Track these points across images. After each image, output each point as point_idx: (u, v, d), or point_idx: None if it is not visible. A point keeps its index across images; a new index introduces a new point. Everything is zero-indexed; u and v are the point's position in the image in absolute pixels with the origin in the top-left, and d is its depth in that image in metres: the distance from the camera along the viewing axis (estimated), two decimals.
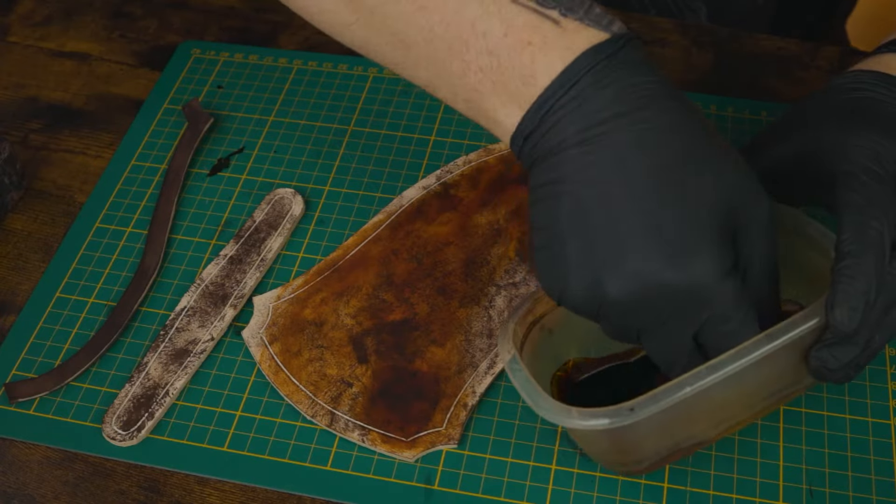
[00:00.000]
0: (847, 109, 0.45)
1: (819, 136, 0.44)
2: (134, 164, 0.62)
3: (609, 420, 0.39)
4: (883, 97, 0.45)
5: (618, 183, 0.37)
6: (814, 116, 0.46)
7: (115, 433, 0.49)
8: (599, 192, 0.37)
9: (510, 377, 0.42)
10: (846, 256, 0.39)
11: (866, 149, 0.42)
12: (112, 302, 0.55)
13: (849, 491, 0.46)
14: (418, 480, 0.47)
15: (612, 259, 0.37)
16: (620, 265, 0.37)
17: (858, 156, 0.42)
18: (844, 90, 0.46)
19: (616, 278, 0.37)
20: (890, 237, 0.40)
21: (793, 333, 0.40)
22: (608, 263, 0.37)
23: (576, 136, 0.37)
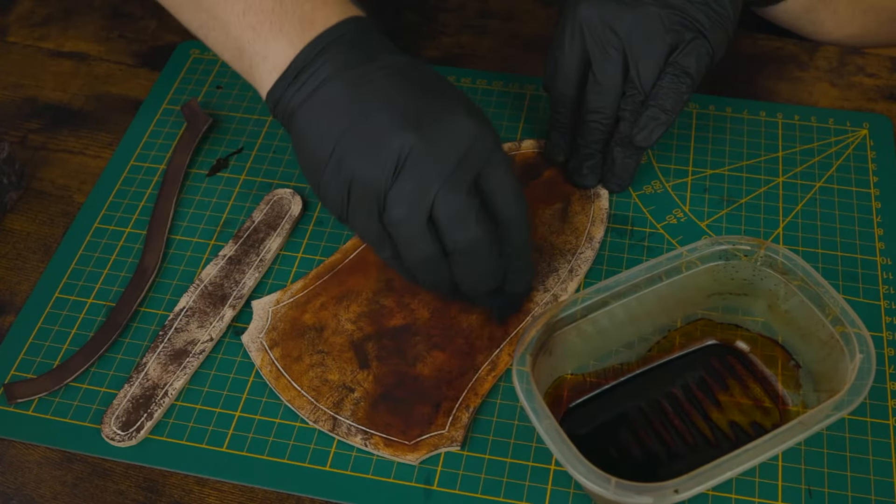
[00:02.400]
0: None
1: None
2: (133, 165, 0.62)
3: (653, 499, 0.40)
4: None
5: (364, 100, 0.45)
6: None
7: (114, 434, 0.49)
8: (357, 110, 0.44)
9: (540, 433, 0.42)
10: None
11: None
12: (111, 302, 0.55)
13: (848, 491, 0.46)
14: (417, 481, 0.47)
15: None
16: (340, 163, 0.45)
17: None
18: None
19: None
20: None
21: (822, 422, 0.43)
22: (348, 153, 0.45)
23: (342, 73, 0.45)
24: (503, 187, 0.46)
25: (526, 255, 0.49)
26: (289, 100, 0.46)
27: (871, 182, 0.58)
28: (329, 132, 0.45)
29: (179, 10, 0.49)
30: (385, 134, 0.44)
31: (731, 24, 0.55)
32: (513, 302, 0.51)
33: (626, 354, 0.50)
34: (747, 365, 0.50)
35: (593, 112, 0.55)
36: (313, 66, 0.45)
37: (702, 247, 0.48)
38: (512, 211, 0.46)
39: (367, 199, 0.44)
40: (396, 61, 0.46)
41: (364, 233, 0.46)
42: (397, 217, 0.44)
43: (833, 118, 0.62)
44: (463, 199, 0.44)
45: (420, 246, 0.45)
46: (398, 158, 0.44)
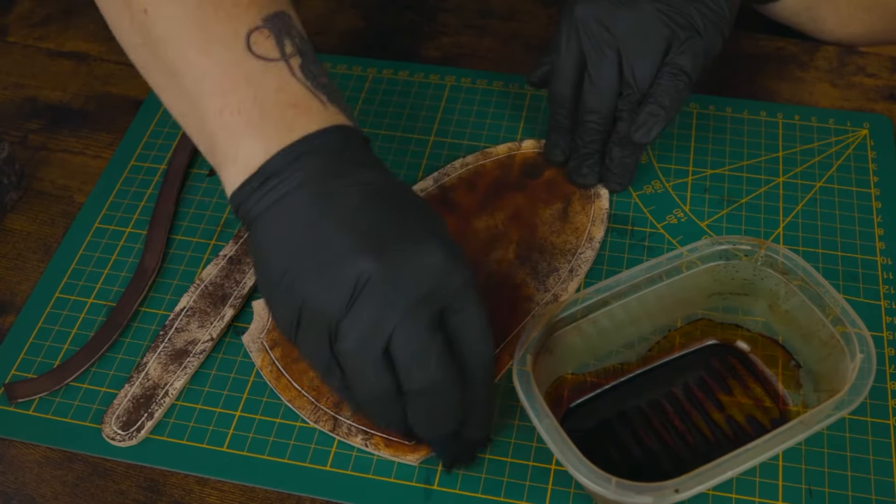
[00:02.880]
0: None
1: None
2: (133, 164, 0.62)
3: (654, 499, 0.40)
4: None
5: (319, 223, 0.41)
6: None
7: (114, 433, 0.49)
8: (317, 228, 0.41)
9: (541, 433, 0.42)
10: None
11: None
12: (111, 302, 0.55)
13: (848, 491, 0.46)
14: (418, 481, 0.47)
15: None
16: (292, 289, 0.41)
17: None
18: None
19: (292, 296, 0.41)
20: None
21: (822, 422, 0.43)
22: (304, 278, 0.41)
23: (310, 185, 0.41)
24: (471, 327, 0.42)
25: (487, 401, 0.45)
26: (250, 207, 0.42)
27: (871, 182, 0.58)
28: (285, 248, 0.41)
29: (163, 94, 0.46)
30: (343, 257, 0.40)
31: (727, 24, 0.55)
32: (468, 450, 0.47)
33: (626, 354, 0.50)
34: (748, 365, 0.50)
35: (590, 112, 0.55)
36: (282, 175, 0.41)
37: (702, 247, 0.48)
38: (476, 354, 0.42)
39: (318, 326, 0.41)
40: (372, 179, 0.42)
41: (312, 359, 0.42)
42: (349, 348, 0.40)
43: (833, 118, 0.62)
44: (424, 335, 0.40)
45: (372, 381, 0.41)
46: (355, 286, 0.39)
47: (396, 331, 0.40)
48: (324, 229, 0.41)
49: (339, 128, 0.43)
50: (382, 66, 0.67)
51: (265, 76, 0.43)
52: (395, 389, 0.41)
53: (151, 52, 0.45)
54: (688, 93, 0.54)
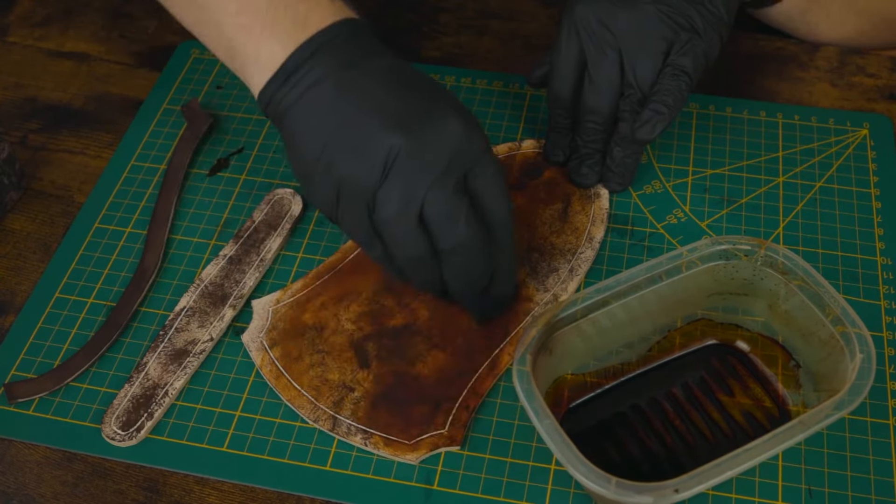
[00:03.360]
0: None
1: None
2: (133, 165, 0.62)
3: (653, 499, 0.40)
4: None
5: (350, 101, 0.45)
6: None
7: (114, 433, 0.49)
8: (346, 112, 0.45)
9: (541, 433, 0.42)
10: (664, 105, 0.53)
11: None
12: (111, 302, 0.55)
13: (848, 491, 0.46)
14: (418, 480, 0.47)
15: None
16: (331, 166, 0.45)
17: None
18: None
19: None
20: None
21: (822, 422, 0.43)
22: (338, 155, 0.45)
23: (332, 75, 0.45)
24: (491, 188, 0.46)
25: (512, 255, 0.49)
26: (279, 101, 0.45)
27: (871, 182, 0.58)
28: (318, 134, 0.45)
29: (175, 6, 0.49)
30: (373, 135, 0.44)
31: (725, 28, 0.55)
32: (497, 303, 0.51)
33: (626, 354, 0.50)
34: (747, 365, 0.50)
35: (591, 112, 0.55)
36: (304, 68, 0.45)
37: (702, 247, 0.48)
38: (498, 211, 0.46)
39: (356, 200, 0.44)
40: (388, 64, 0.46)
41: (354, 232, 0.46)
42: (386, 217, 0.44)
43: (833, 118, 0.62)
44: (451, 199, 0.44)
45: (410, 245, 0.45)
46: (386, 159, 0.43)
47: (427, 196, 0.44)
48: (351, 113, 0.44)
49: (348, 21, 0.46)
50: None
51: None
52: (431, 251, 0.46)
53: None
54: (689, 93, 0.54)
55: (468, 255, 0.46)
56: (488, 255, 0.47)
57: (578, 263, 0.54)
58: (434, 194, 0.44)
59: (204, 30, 0.48)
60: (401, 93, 0.45)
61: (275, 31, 0.45)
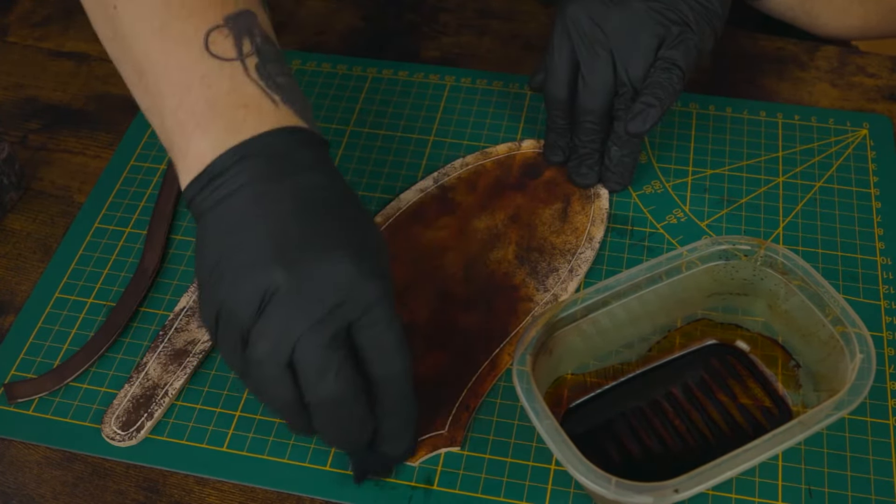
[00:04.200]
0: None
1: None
2: (133, 165, 0.62)
3: (653, 499, 0.40)
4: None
5: (247, 229, 0.42)
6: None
7: (114, 433, 0.49)
8: (241, 234, 0.42)
9: (541, 433, 0.42)
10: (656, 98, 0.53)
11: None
12: (111, 302, 0.55)
13: (848, 491, 0.46)
14: (418, 481, 0.47)
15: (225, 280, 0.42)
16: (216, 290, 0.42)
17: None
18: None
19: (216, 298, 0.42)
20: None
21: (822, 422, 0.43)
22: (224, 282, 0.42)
23: (249, 187, 0.42)
24: (379, 343, 0.41)
25: (402, 418, 0.44)
26: (200, 202, 0.43)
27: (871, 182, 0.58)
28: (216, 249, 0.42)
29: (132, 88, 0.47)
30: (256, 266, 0.40)
31: (719, 20, 0.55)
32: (384, 463, 0.47)
33: (626, 354, 0.50)
34: (747, 365, 0.50)
35: (586, 112, 0.55)
36: (227, 174, 0.42)
37: (702, 247, 0.48)
38: (385, 370, 0.42)
39: (232, 330, 0.41)
40: (312, 183, 0.42)
41: (228, 361, 0.43)
42: (255, 357, 0.41)
43: (833, 118, 0.62)
44: (324, 350, 0.40)
45: (276, 391, 0.41)
46: (264, 295, 0.40)
47: (299, 344, 0.40)
48: (249, 234, 0.41)
49: (289, 129, 0.43)
50: (382, 66, 0.67)
51: (219, 76, 0.43)
52: (299, 400, 0.42)
53: (120, 47, 0.46)
54: (681, 86, 0.54)
55: (336, 412, 0.42)
56: (363, 415, 0.42)
57: (578, 263, 0.54)
58: (307, 342, 0.40)
59: (151, 118, 0.46)
60: (303, 221, 0.41)
61: (207, 131, 0.43)
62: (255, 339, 0.40)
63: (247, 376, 0.42)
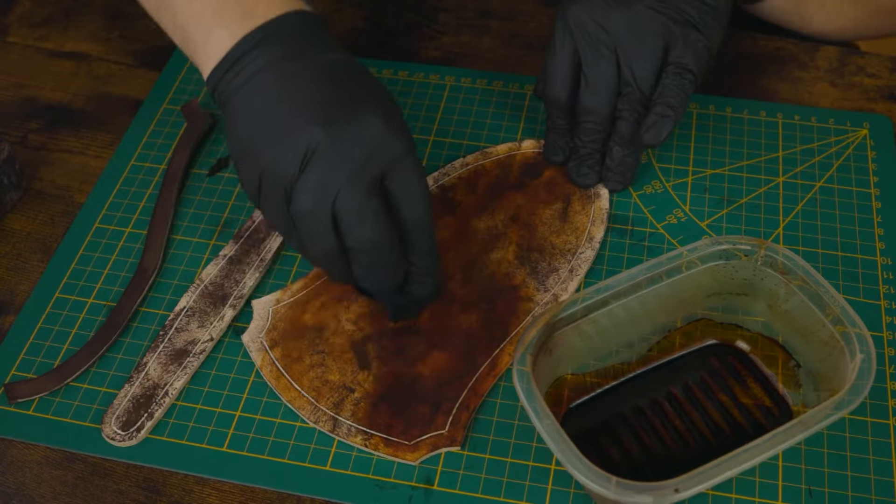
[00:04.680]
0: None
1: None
2: (133, 165, 0.62)
3: (654, 499, 0.40)
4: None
5: (281, 94, 0.46)
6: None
7: (114, 433, 0.49)
8: (277, 103, 0.46)
9: (541, 433, 0.42)
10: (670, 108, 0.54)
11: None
12: (111, 302, 0.55)
13: (848, 491, 0.46)
14: (418, 480, 0.47)
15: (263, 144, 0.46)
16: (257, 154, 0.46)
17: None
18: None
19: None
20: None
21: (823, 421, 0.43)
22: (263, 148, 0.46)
23: (273, 66, 0.46)
24: (408, 190, 0.46)
25: (430, 259, 0.49)
26: (224, 88, 0.47)
27: (871, 182, 0.58)
28: (250, 122, 0.46)
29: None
30: (296, 128, 0.45)
31: (724, 16, 0.55)
32: (414, 304, 0.51)
33: (626, 354, 0.50)
34: (748, 365, 0.50)
35: (588, 113, 0.55)
36: (248, 57, 0.46)
37: (702, 246, 0.48)
38: (414, 214, 0.47)
39: (275, 189, 0.46)
40: (329, 58, 0.47)
41: (274, 220, 0.47)
42: (301, 210, 0.45)
43: (833, 118, 0.62)
44: (362, 197, 0.45)
45: (320, 240, 0.46)
46: (305, 153, 0.44)
47: (340, 194, 0.44)
48: (281, 105, 0.45)
49: (297, 13, 0.47)
50: (382, 66, 0.67)
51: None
52: (341, 247, 0.46)
53: None
54: (693, 91, 0.54)
55: (374, 255, 0.46)
56: (398, 257, 0.47)
57: (578, 263, 0.54)
58: (346, 191, 0.44)
59: (163, 17, 0.49)
60: (332, 89, 0.46)
61: (224, 19, 0.46)
62: (300, 193, 0.45)
63: (291, 230, 0.47)
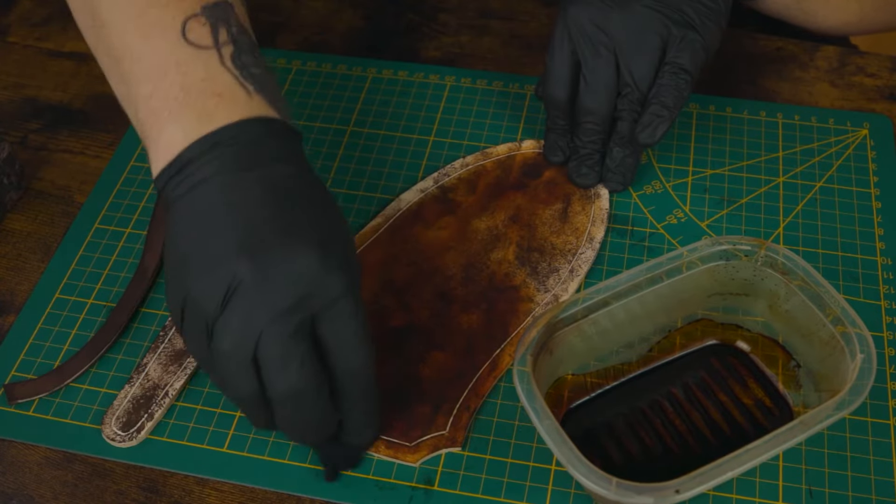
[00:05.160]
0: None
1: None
2: (133, 165, 0.62)
3: (654, 500, 0.40)
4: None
5: (210, 218, 0.42)
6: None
7: (114, 434, 0.49)
8: (209, 224, 0.42)
9: (542, 434, 0.42)
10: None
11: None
12: (111, 303, 0.55)
13: (848, 491, 0.46)
14: (418, 481, 0.47)
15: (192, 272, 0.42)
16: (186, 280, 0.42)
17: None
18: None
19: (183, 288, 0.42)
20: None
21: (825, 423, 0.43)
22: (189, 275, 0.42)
23: (219, 176, 0.42)
24: (342, 336, 0.41)
25: (367, 408, 0.45)
26: (170, 192, 0.43)
27: (871, 182, 0.58)
28: (184, 239, 0.42)
29: (108, 77, 0.47)
30: (221, 257, 0.40)
31: (723, 17, 0.55)
32: (350, 455, 0.47)
33: (626, 355, 0.50)
34: (748, 365, 0.50)
35: (587, 113, 0.55)
36: (197, 163, 0.42)
37: (702, 247, 0.48)
38: (348, 364, 0.42)
39: (197, 322, 0.41)
40: (281, 174, 0.42)
41: (193, 354, 0.43)
42: (219, 349, 0.41)
43: (833, 118, 0.62)
44: (287, 342, 0.40)
45: (239, 384, 0.41)
46: (229, 287, 0.40)
47: (262, 336, 0.40)
48: (216, 224, 0.41)
49: (261, 119, 0.43)
50: (382, 66, 0.67)
51: (195, 63, 0.43)
52: (261, 395, 0.42)
53: (97, 35, 0.47)
54: (689, 91, 0.54)
55: (297, 406, 0.42)
56: (324, 410, 0.43)
57: (579, 264, 0.54)
58: (269, 335, 0.40)
59: (126, 107, 0.46)
60: (272, 211, 0.41)
61: (180, 119, 0.43)
62: (220, 331, 0.40)
63: (211, 369, 0.42)
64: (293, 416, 0.42)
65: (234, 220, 0.41)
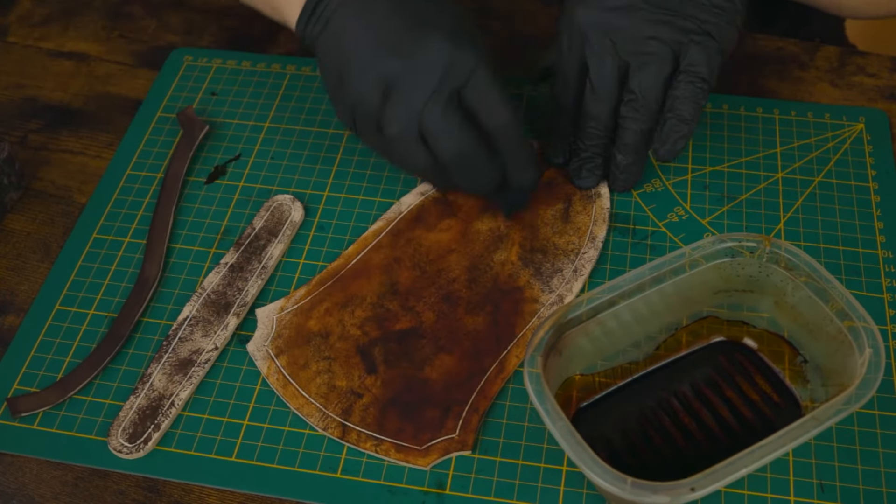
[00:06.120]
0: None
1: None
2: (130, 173, 0.61)
3: (670, 498, 0.40)
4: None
5: (368, 18, 0.51)
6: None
7: (121, 446, 0.48)
8: (353, 40, 0.51)
9: (554, 435, 0.42)
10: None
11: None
12: (113, 313, 0.54)
13: (859, 484, 0.46)
14: (430, 485, 0.47)
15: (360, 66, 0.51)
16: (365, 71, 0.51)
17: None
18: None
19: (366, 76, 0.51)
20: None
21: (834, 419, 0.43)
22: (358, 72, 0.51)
23: (348, 4, 0.51)
24: (485, 99, 0.50)
25: (523, 153, 0.53)
26: (310, 34, 0.52)
27: (869, 175, 0.59)
28: (334, 63, 0.51)
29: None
30: (374, 62, 0.50)
31: (739, 15, 0.54)
32: (519, 195, 0.55)
33: (633, 354, 0.50)
34: (755, 361, 0.50)
35: (591, 118, 0.55)
36: (325, 2, 0.51)
37: (706, 245, 0.48)
38: (496, 120, 0.50)
39: (367, 121, 0.51)
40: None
41: (372, 148, 0.53)
42: (390, 135, 0.50)
43: (829, 113, 0.62)
44: (444, 113, 0.49)
45: (414, 159, 0.51)
46: (386, 83, 0.49)
47: (423, 114, 0.49)
48: (359, 40, 0.50)
49: None
50: None
51: None
52: (434, 162, 0.51)
53: None
54: (705, 99, 0.53)
55: (465, 163, 0.51)
56: (487, 162, 0.51)
57: (582, 263, 0.54)
58: (427, 112, 0.49)
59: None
60: (403, 19, 0.50)
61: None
62: (387, 120, 0.50)
63: (389, 153, 0.53)
64: (465, 173, 0.52)
65: (374, 33, 0.50)
